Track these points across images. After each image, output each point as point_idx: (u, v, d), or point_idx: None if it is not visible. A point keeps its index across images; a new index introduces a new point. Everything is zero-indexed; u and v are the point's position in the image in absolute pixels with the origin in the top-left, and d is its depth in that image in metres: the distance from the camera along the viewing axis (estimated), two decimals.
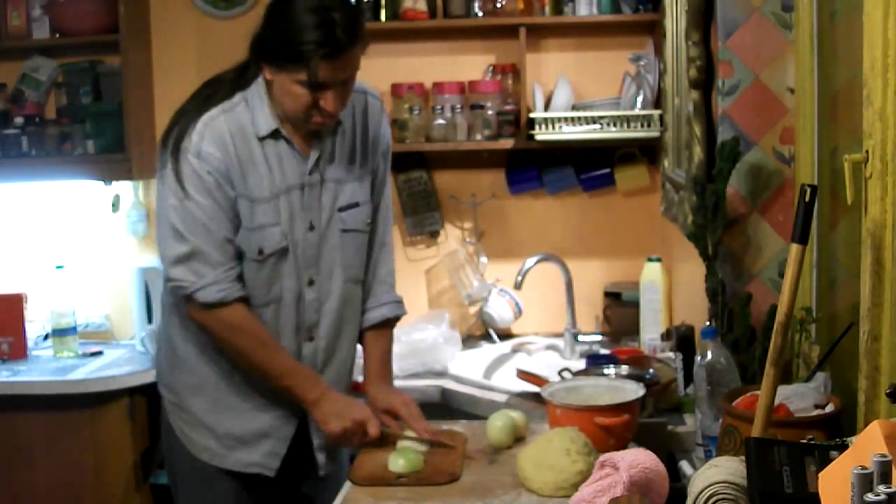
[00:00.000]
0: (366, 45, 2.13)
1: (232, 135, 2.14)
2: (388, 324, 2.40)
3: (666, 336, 3.05)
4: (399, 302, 2.42)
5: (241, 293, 2.16)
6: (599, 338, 3.47)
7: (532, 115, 3.40)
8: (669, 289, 3.21)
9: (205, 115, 2.14)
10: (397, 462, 2.04)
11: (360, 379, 3.05)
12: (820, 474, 1.23)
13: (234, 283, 2.16)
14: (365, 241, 2.33)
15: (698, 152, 2.39)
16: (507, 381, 3.04)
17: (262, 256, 2.18)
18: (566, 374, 2.45)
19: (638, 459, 1.70)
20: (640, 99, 3.37)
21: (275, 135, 2.18)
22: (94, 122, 3.58)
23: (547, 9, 3.47)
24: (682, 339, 2.55)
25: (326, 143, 2.23)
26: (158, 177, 2.18)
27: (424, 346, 3.23)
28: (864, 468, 1.03)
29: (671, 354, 2.67)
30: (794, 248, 1.56)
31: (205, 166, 2.11)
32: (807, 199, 1.56)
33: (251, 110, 2.17)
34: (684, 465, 2.04)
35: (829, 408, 1.78)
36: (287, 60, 2.06)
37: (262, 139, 2.17)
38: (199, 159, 2.11)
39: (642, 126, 3.32)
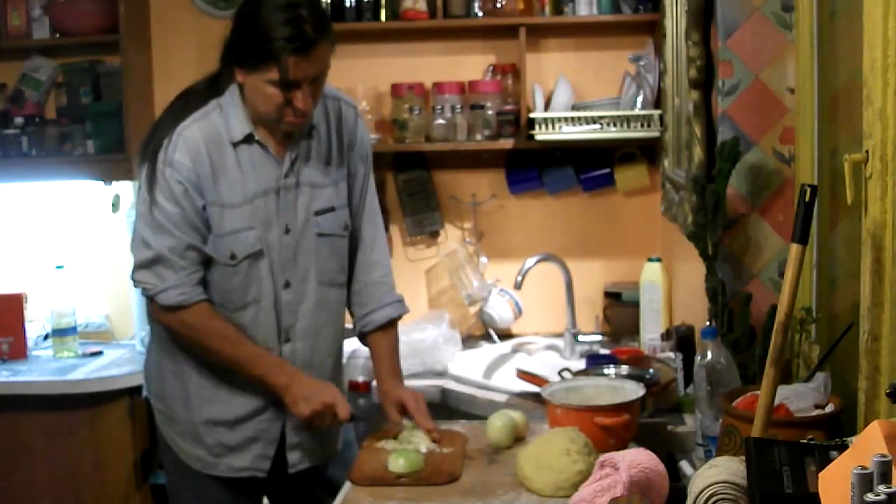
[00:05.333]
0: (333, 43, 2.15)
1: (206, 142, 2.17)
2: (392, 323, 2.41)
3: (666, 336, 3.05)
4: (401, 301, 2.43)
5: (202, 297, 2.20)
6: (599, 338, 3.47)
7: (532, 115, 3.40)
8: (669, 289, 3.21)
9: (179, 125, 2.17)
10: (397, 462, 2.04)
11: (360, 379, 3.08)
12: (820, 474, 1.23)
13: (195, 287, 2.19)
14: (343, 245, 2.34)
15: (698, 152, 2.39)
16: (507, 381, 3.04)
17: (234, 261, 2.20)
18: (566, 374, 2.45)
19: (638, 459, 1.70)
20: (640, 99, 3.37)
21: (249, 139, 2.20)
22: (94, 122, 3.58)
23: (547, 9, 3.47)
24: (682, 339, 2.55)
25: (301, 146, 2.25)
26: (137, 186, 2.23)
27: (424, 346, 3.23)
28: (864, 468, 1.03)
29: (671, 354, 2.67)
30: (794, 248, 1.56)
31: (175, 175, 2.14)
32: (807, 199, 1.56)
33: (225, 116, 2.20)
34: (684, 465, 2.04)
35: (829, 408, 1.78)
36: (258, 60, 2.09)
37: (236, 144, 2.20)
38: (170, 168, 2.15)
39: (642, 126, 3.32)
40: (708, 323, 2.21)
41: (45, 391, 3.26)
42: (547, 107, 3.46)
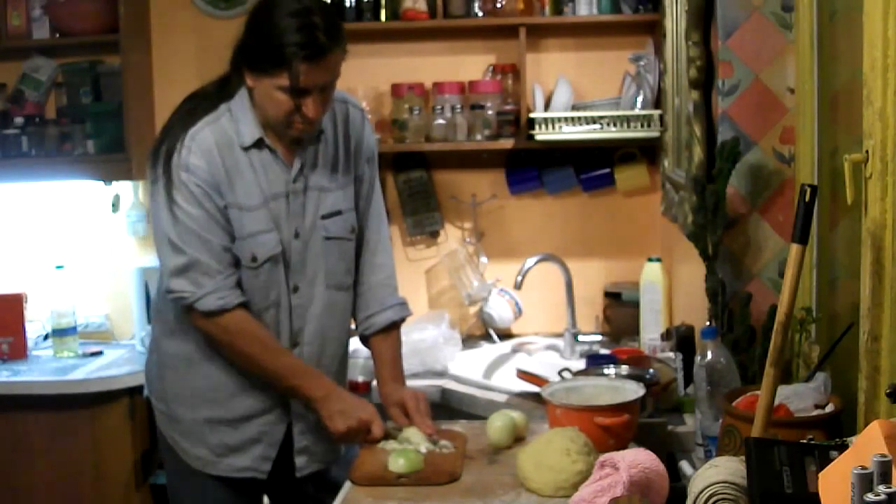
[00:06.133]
0: (345, 52, 2.14)
1: (218, 146, 2.16)
2: (395, 326, 2.41)
3: (666, 336, 3.05)
4: (403, 304, 2.43)
5: (240, 299, 2.18)
6: (599, 338, 3.48)
7: (532, 115, 3.40)
8: (669, 289, 3.21)
9: (190, 129, 2.16)
10: (397, 462, 2.04)
11: (360, 379, 3.08)
12: (820, 474, 1.23)
13: (233, 289, 2.18)
14: (350, 248, 2.34)
15: (698, 152, 2.39)
16: (507, 381, 3.04)
17: (255, 263, 2.20)
18: (566, 374, 2.45)
19: (638, 459, 1.70)
20: (640, 99, 3.37)
21: (259, 144, 2.20)
22: (94, 122, 3.58)
23: (547, 9, 3.47)
24: (682, 339, 2.55)
25: (309, 151, 2.25)
26: (151, 193, 2.21)
27: (424, 346, 3.23)
28: (864, 468, 1.03)
29: (671, 354, 2.67)
30: (794, 248, 1.56)
31: (193, 178, 2.13)
32: (807, 199, 1.56)
33: (235, 121, 2.19)
34: (684, 465, 2.04)
35: (829, 408, 1.78)
36: (269, 65, 2.08)
37: (246, 149, 2.19)
38: (187, 172, 2.13)
39: (642, 126, 3.32)
40: (708, 323, 2.21)
41: (45, 391, 3.26)
42: (547, 107, 3.46)
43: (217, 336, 2.20)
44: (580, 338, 3.43)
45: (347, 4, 3.45)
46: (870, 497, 0.99)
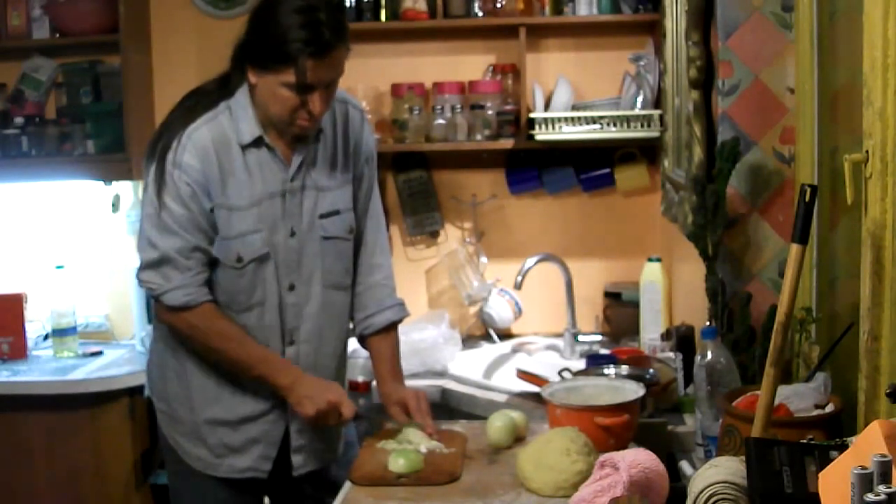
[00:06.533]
0: (349, 48, 2.15)
1: (215, 144, 2.16)
2: (393, 327, 2.41)
3: (666, 336, 3.05)
4: (401, 304, 2.44)
5: (206, 297, 2.19)
6: (599, 338, 3.48)
7: (532, 115, 3.40)
8: (669, 289, 3.21)
9: (189, 127, 2.16)
10: (397, 462, 2.04)
11: (360, 379, 3.08)
12: (820, 474, 1.24)
13: (200, 287, 2.19)
14: (347, 248, 2.34)
15: (698, 152, 2.39)
16: (507, 381, 3.04)
17: (240, 264, 2.20)
18: (566, 374, 2.45)
19: (638, 459, 1.70)
20: (640, 99, 3.37)
21: (258, 142, 2.20)
22: (94, 122, 3.58)
23: (547, 9, 3.47)
24: (682, 339, 2.55)
25: (308, 150, 2.25)
26: (143, 184, 2.22)
27: (424, 346, 3.23)
28: (864, 468, 1.03)
29: (671, 354, 2.67)
30: (794, 248, 1.56)
31: (184, 177, 2.14)
32: (807, 199, 1.56)
33: (235, 119, 2.19)
34: (684, 465, 2.04)
35: (829, 408, 1.78)
36: (274, 61, 2.08)
37: (244, 147, 2.19)
38: (179, 170, 2.14)
39: (642, 126, 3.32)
40: (708, 323, 2.21)
41: (45, 391, 3.26)
42: (547, 107, 3.46)
43: (182, 330, 2.22)
44: (580, 338, 3.43)
45: (347, 4, 3.44)
46: (870, 497, 0.99)
